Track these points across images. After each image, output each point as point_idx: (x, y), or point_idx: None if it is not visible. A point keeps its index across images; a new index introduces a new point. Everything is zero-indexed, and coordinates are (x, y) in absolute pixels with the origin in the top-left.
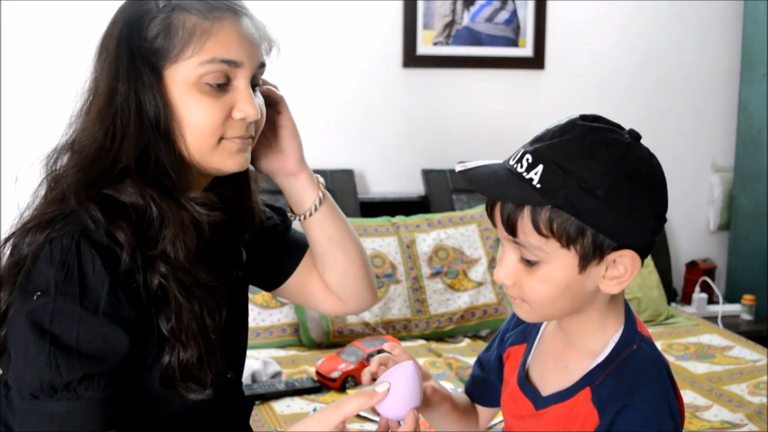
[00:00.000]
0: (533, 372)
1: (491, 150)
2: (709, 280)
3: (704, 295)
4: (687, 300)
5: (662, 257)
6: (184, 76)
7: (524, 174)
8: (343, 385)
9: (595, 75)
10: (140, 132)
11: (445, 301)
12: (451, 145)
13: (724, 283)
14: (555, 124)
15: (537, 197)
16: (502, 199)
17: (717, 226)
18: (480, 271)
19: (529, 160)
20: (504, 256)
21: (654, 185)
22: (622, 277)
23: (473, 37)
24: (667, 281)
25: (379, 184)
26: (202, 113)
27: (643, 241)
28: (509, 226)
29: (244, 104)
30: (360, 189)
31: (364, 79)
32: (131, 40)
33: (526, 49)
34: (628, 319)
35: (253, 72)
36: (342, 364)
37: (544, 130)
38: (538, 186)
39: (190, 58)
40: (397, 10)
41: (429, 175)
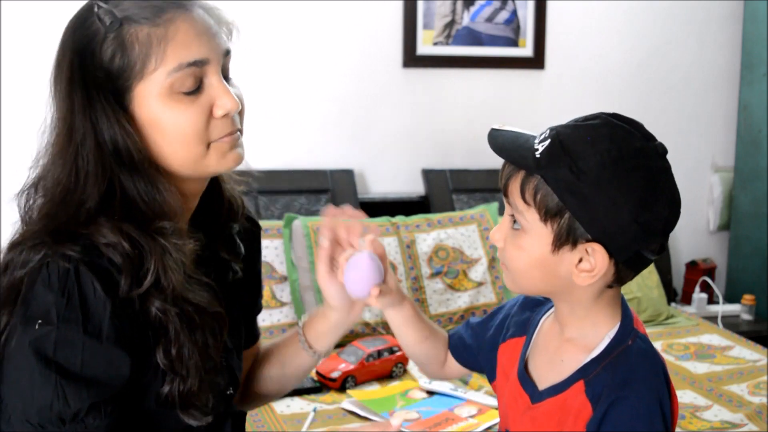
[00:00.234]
0: (531, 365)
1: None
2: (709, 280)
3: (704, 295)
4: (687, 300)
5: (662, 257)
6: (156, 90)
7: (535, 143)
8: (343, 385)
9: (595, 75)
10: (103, 168)
11: (445, 301)
12: (451, 145)
13: (724, 283)
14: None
15: (532, 165)
16: (504, 158)
17: (717, 226)
18: (480, 271)
19: (545, 134)
20: (502, 220)
21: (649, 196)
22: (591, 272)
23: (473, 37)
24: (667, 281)
25: (379, 184)
26: (183, 121)
27: (619, 243)
28: (504, 186)
29: (223, 99)
30: (360, 189)
31: (364, 79)
32: (84, 70)
33: (526, 49)
34: (625, 316)
35: (220, 63)
36: (342, 364)
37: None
38: (538, 156)
39: (155, 71)
40: (397, 10)
41: (429, 175)
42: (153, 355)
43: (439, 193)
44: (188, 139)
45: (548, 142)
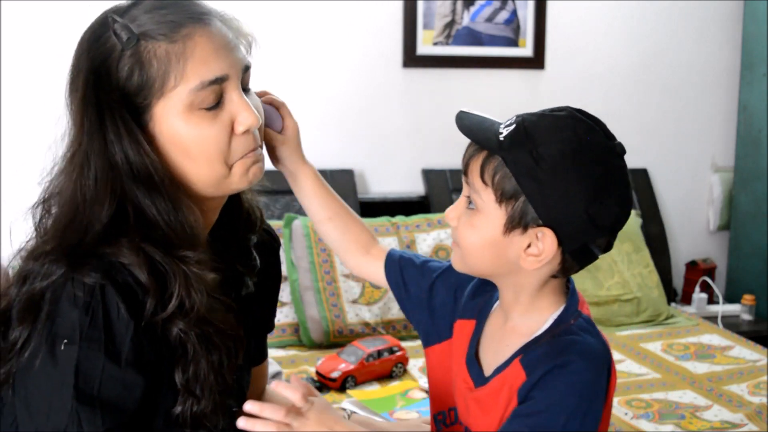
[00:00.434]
0: (481, 351)
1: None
2: (709, 280)
3: (704, 295)
4: (687, 300)
5: (662, 257)
6: (176, 107)
7: (500, 128)
8: (343, 385)
9: (595, 75)
10: (112, 188)
11: None
12: (451, 145)
13: (724, 283)
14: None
15: (495, 146)
16: (470, 138)
17: (717, 226)
18: None
19: (512, 120)
20: (458, 200)
21: (602, 190)
22: (539, 256)
23: (473, 37)
24: (667, 281)
25: (379, 184)
26: (205, 138)
27: (568, 232)
28: (465, 165)
29: (243, 115)
30: (360, 189)
31: (364, 79)
32: (99, 89)
33: (526, 49)
34: (570, 301)
35: (240, 77)
36: (342, 364)
37: None
38: (501, 139)
39: (175, 89)
40: (397, 10)
41: (429, 175)
42: (166, 375)
43: (439, 193)
44: (212, 158)
45: (513, 127)
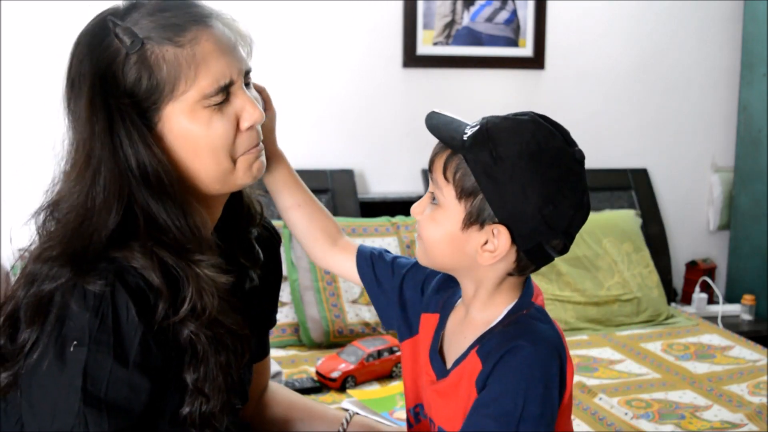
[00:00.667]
0: (445, 345)
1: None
2: (709, 280)
3: (704, 295)
4: (687, 300)
5: (662, 257)
6: (186, 108)
7: (466, 128)
8: (343, 385)
9: (595, 75)
10: (119, 194)
11: None
12: None
13: (724, 283)
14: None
15: (458, 145)
16: (436, 136)
17: (717, 226)
18: None
19: (477, 122)
20: (425, 196)
21: (557, 193)
22: (494, 253)
23: (473, 37)
24: (667, 281)
25: (379, 184)
26: (213, 132)
27: (522, 231)
28: (431, 162)
29: (248, 111)
30: (360, 189)
31: (364, 79)
32: (106, 94)
33: (526, 49)
34: (525, 293)
35: (242, 76)
36: (342, 364)
37: None
38: (465, 138)
39: (186, 92)
40: (397, 10)
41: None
42: (173, 376)
43: None
44: (218, 153)
45: (476, 128)
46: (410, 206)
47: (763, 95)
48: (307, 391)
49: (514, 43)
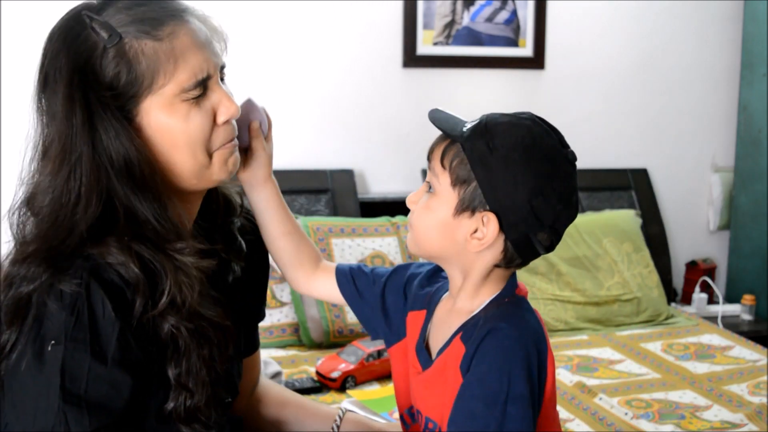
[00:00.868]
0: (430, 338)
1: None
2: (709, 280)
3: (704, 295)
4: (687, 300)
5: (662, 257)
6: (164, 101)
7: (466, 123)
8: (343, 385)
9: (594, 75)
10: (98, 188)
11: None
12: None
13: (724, 283)
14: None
15: (457, 135)
16: (438, 127)
17: (717, 226)
18: None
19: (478, 118)
20: (421, 187)
21: (546, 185)
22: (482, 240)
23: (473, 37)
24: (667, 281)
25: (379, 184)
26: (191, 126)
27: (511, 220)
28: (430, 152)
29: (225, 105)
30: (360, 189)
31: (364, 79)
32: (86, 88)
33: (526, 49)
34: (508, 284)
35: (218, 72)
36: (342, 364)
37: None
38: (464, 130)
39: (164, 86)
40: (397, 10)
41: None
42: (157, 372)
43: None
44: (195, 146)
45: (476, 122)
46: None
47: (763, 95)
48: (307, 391)
49: (514, 43)
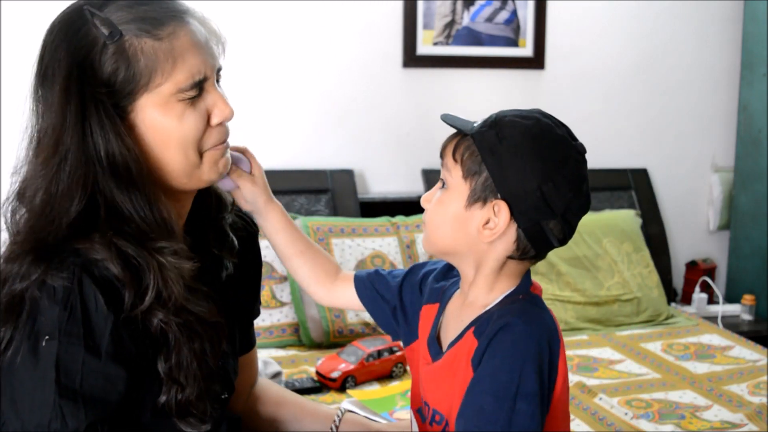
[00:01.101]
0: (442, 331)
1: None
2: (709, 280)
3: (704, 295)
4: (687, 300)
5: (662, 257)
6: (160, 100)
7: (478, 120)
8: (343, 385)
9: (595, 75)
10: (84, 182)
11: None
12: None
13: (724, 283)
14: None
15: (468, 129)
16: (450, 124)
17: (717, 226)
18: None
19: (488, 116)
20: (435, 186)
21: (557, 172)
22: (494, 229)
23: (473, 37)
24: (667, 281)
25: (379, 184)
26: (185, 126)
27: (521, 207)
28: (443, 149)
29: (220, 107)
30: (360, 189)
31: (364, 79)
32: (83, 82)
33: (526, 49)
34: (523, 281)
35: (215, 75)
36: (342, 364)
37: None
38: (475, 125)
39: (161, 85)
40: (397, 10)
41: (429, 175)
42: (150, 366)
43: None
44: (187, 145)
45: (487, 118)
46: (410, 206)
47: (763, 95)
48: (307, 391)
49: (514, 43)
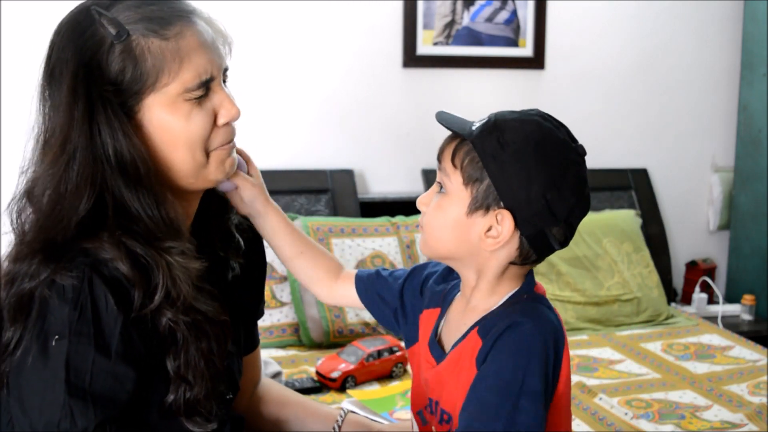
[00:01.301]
0: (443, 335)
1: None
2: (709, 280)
3: (704, 295)
4: (687, 300)
5: (662, 257)
6: (167, 100)
7: (474, 122)
8: (343, 385)
9: (594, 75)
10: (92, 181)
11: None
12: None
13: (724, 283)
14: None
15: (467, 134)
16: (446, 127)
17: (717, 226)
18: None
19: (485, 117)
20: (431, 188)
21: (560, 178)
22: (498, 238)
23: (473, 37)
24: (667, 281)
25: (379, 184)
26: (192, 126)
27: (525, 215)
28: (440, 153)
29: (226, 107)
30: (360, 189)
31: (364, 79)
32: (90, 82)
33: (526, 49)
34: (526, 282)
35: (221, 75)
36: (342, 364)
37: None
38: (473, 129)
39: (167, 85)
40: (397, 10)
41: (429, 175)
42: (159, 365)
43: None
44: (194, 145)
45: (485, 120)
46: (410, 206)
47: (763, 95)
48: (307, 391)
49: (514, 43)
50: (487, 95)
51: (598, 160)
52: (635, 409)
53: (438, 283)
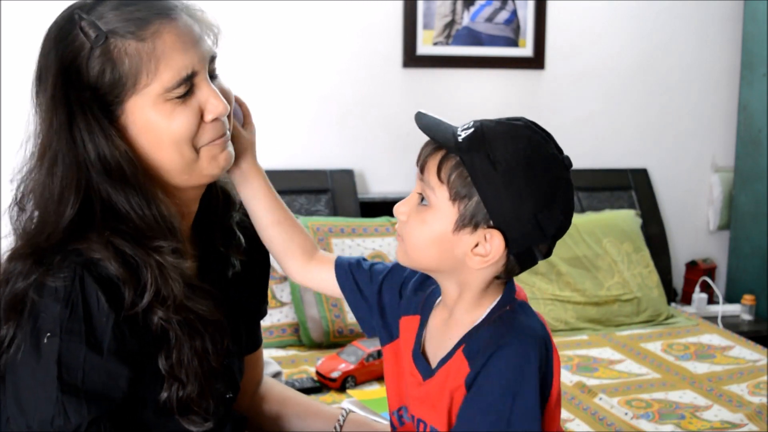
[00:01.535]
0: (427, 345)
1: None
2: (709, 280)
3: (704, 295)
4: (687, 300)
5: (662, 257)
6: (148, 101)
7: (458, 130)
8: (343, 385)
9: (595, 75)
10: (77, 185)
11: None
12: None
13: (724, 283)
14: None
15: (453, 146)
16: (429, 135)
17: (717, 226)
18: None
19: (470, 124)
20: (410, 195)
21: (550, 198)
22: (486, 257)
23: (473, 37)
24: (667, 281)
25: (379, 184)
26: (176, 125)
27: (516, 234)
28: (422, 163)
29: (212, 104)
30: (360, 189)
31: (364, 79)
32: (68, 88)
33: (526, 49)
34: (507, 290)
35: (207, 68)
36: (342, 364)
37: None
38: (460, 140)
39: (147, 86)
40: (397, 10)
41: None
42: (152, 363)
43: None
44: (181, 144)
45: (471, 130)
46: None
47: (763, 95)
48: (307, 391)
49: (514, 43)
50: (487, 95)
51: (598, 160)
52: (635, 409)
53: (415, 292)
